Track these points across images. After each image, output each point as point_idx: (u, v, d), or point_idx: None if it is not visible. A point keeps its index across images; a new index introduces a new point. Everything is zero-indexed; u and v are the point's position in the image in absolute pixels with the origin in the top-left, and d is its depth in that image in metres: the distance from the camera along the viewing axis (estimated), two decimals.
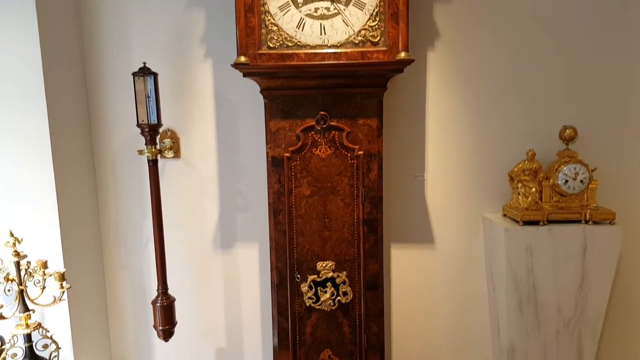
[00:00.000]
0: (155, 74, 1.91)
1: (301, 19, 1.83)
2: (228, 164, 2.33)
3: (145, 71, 1.90)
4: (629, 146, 2.25)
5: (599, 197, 2.11)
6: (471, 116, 2.26)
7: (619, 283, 2.30)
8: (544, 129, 2.22)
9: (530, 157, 2.11)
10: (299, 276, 2.03)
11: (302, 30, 1.84)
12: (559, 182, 2.06)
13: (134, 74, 1.90)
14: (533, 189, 2.07)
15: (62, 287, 1.82)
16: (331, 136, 1.94)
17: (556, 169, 2.07)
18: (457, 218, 2.34)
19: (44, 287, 1.81)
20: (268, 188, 2.00)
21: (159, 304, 2.01)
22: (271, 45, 1.84)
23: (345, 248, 2.01)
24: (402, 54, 1.78)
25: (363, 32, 1.83)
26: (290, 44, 1.84)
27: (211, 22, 2.22)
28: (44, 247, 2.03)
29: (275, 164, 1.97)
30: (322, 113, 1.92)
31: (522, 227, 2.05)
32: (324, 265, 2.02)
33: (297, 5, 1.82)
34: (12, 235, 1.77)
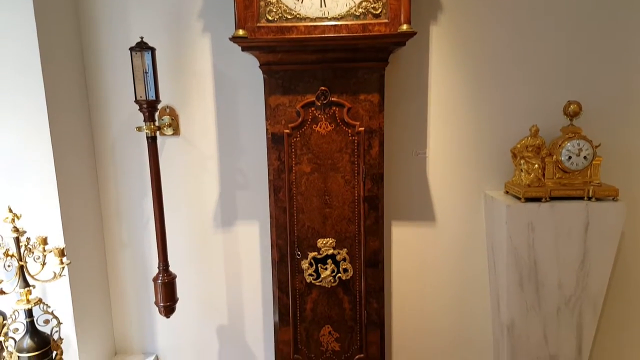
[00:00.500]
0: (152, 49, 1.88)
1: None
2: (228, 141, 2.31)
3: (142, 46, 1.86)
4: (633, 122, 2.21)
5: (602, 173, 2.08)
6: (474, 92, 2.22)
7: (620, 260, 2.29)
8: (547, 105, 2.18)
9: (534, 133, 2.08)
10: (299, 253, 2.03)
11: (302, 2, 1.79)
12: (562, 158, 2.04)
13: (131, 49, 1.86)
14: (536, 166, 2.05)
15: (62, 262, 1.82)
16: (332, 112, 1.92)
17: (559, 145, 2.04)
18: (459, 195, 2.32)
19: (44, 263, 1.81)
20: (268, 165, 1.98)
21: (160, 281, 2.02)
22: (270, 18, 1.80)
23: (345, 225, 2.00)
24: (404, 27, 1.74)
25: (364, 3, 1.78)
26: (289, 16, 1.80)
27: None
28: (44, 225, 2.03)
29: (275, 141, 1.95)
30: (323, 88, 1.89)
31: (524, 203, 2.04)
32: (324, 242, 2.01)
33: None
34: (11, 211, 1.76)
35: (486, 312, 2.42)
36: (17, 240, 1.77)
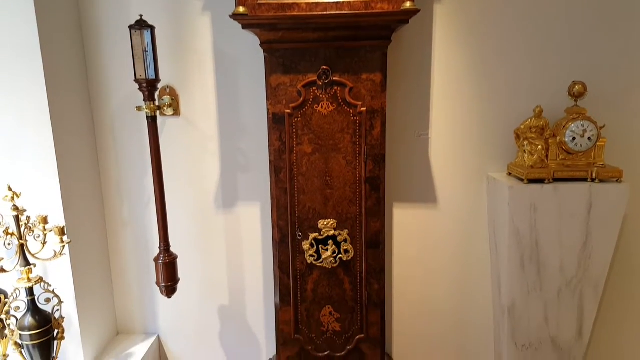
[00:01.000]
0: (152, 27, 1.85)
1: None
2: (229, 121, 2.29)
3: (142, 24, 1.84)
4: (638, 103, 2.18)
5: (607, 155, 2.06)
6: (477, 72, 2.19)
7: (622, 243, 2.29)
8: (552, 86, 2.15)
9: (538, 114, 2.06)
10: (300, 234, 2.02)
11: None
12: (566, 139, 2.01)
13: (131, 27, 1.84)
14: (539, 147, 2.03)
15: (62, 241, 1.82)
16: (333, 92, 1.89)
17: (564, 126, 2.02)
18: (461, 177, 2.31)
19: (44, 242, 1.81)
20: (269, 146, 1.96)
21: (161, 261, 2.02)
22: None
23: (347, 206, 1.99)
24: (408, 4, 1.70)
25: None
26: None
27: None
28: (45, 204, 2.03)
29: (276, 121, 1.93)
30: (324, 67, 1.86)
31: (527, 185, 2.02)
32: (325, 223, 2.00)
33: None
34: (11, 189, 1.75)
35: (487, 294, 2.42)
36: (17, 219, 1.77)
